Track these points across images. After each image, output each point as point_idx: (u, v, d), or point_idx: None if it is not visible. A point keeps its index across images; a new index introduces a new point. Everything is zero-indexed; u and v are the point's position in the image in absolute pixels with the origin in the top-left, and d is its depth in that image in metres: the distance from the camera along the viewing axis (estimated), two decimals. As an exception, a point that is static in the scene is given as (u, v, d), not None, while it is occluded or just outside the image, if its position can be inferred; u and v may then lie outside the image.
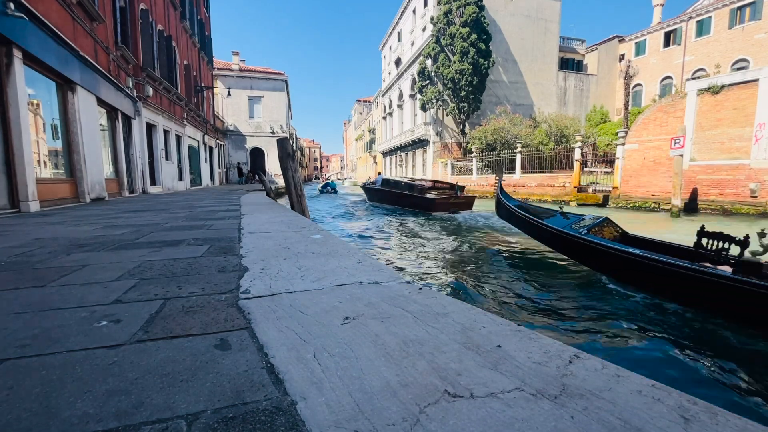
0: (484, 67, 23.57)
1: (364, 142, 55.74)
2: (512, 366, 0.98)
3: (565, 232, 4.89)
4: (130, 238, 3.21)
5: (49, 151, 7.49)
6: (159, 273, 2.00)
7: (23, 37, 5.96)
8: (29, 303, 1.54)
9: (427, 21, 27.70)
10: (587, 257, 4.74)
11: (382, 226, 10.82)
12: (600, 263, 4.56)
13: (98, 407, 0.83)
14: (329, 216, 14.03)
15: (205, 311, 1.42)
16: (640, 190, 12.87)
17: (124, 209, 6.24)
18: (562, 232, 4.94)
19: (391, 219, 12.37)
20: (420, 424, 0.75)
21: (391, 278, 1.83)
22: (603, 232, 4.98)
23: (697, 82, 11.63)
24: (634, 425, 0.75)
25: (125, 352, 1.09)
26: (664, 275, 3.58)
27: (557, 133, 21.14)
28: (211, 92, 23.19)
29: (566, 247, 5.09)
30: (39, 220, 4.80)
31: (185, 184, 16.43)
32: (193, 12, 18.86)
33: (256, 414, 0.80)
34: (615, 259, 4.13)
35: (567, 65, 32.57)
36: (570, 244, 4.90)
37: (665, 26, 29.20)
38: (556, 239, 5.19)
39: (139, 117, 11.49)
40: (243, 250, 2.58)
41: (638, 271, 3.90)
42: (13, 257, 2.46)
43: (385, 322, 1.28)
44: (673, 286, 3.58)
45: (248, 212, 5.34)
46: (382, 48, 43.13)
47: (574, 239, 4.70)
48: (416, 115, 30.62)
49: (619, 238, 5.03)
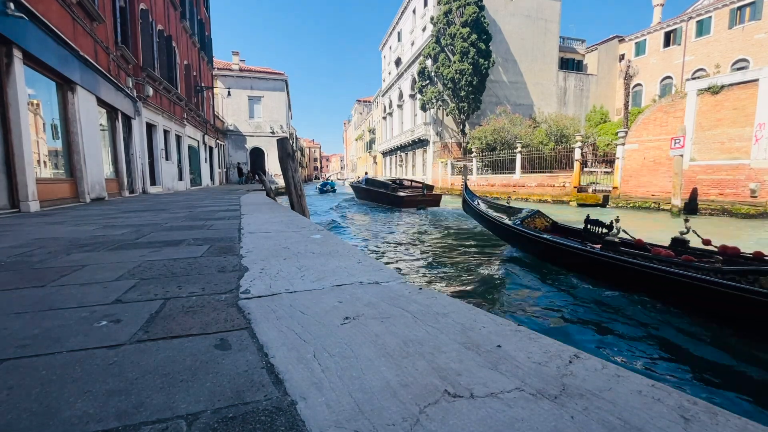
0: (484, 67, 23.58)
1: (364, 142, 55.76)
2: (512, 366, 0.98)
3: (504, 224, 6.23)
4: (130, 238, 3.21)
5: (49, 151, 7.49)
6: (159, 273, 2.00)
7: (23, 37, 5.96)
8: (29, 303, 1.54)
9: (427, 21, 27.71)
10: (522, 244, 6.07)
11: (339, 220, 12.07)
12: (529, 248, 5.84)
13: (98, 407, 0.83)
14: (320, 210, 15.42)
15: (205, 311, 1.42)
16: (640, 190, 12.87)
17: (124, 209, 6.24)
18: (503, 223, 6.29)
19: (355, 213, 14.26)
20: (420, 424, 0.75)
21: (391, 278, 1.83)
22: (535, 222, 6.19)
23: (697, 82, 11.63)
24: (634, 425, 0.75)
25: (125, 352, 1.09)
26: (564, 254, 4.89)
27: (557, 133, 21.14)
28: (211, 92, 23.19)
29: (507, 235, 6.45)
30: (39, 220, 4.80)
31: (185, 184, 16.43)
32: (193, 12, 18.87)
33: (256, 414, 0.80)
34: (536, 244, 5.43)
35: (567, 65, 32.58)
36: (509, 234, 6.24)
37: (665, 26, 29.20)
38: (500, 229, 6.55)
39: (139, 117, 11.49)
40: (243, 250, 2.58)
41: (550, 251, 5.24)
42: (13, 257, 2.46)
43: (385, 322, 1.28)
44: (570, 260, 4.85)
45: (248, 212, 5.34)
46: (382, 48, 43.14)
47: (511, 229, 5.98)
48: (416, 115, 30.63)
49: (549, 227, 6.15)
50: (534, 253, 5.74)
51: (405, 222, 11.24)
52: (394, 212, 13.77)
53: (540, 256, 5.59)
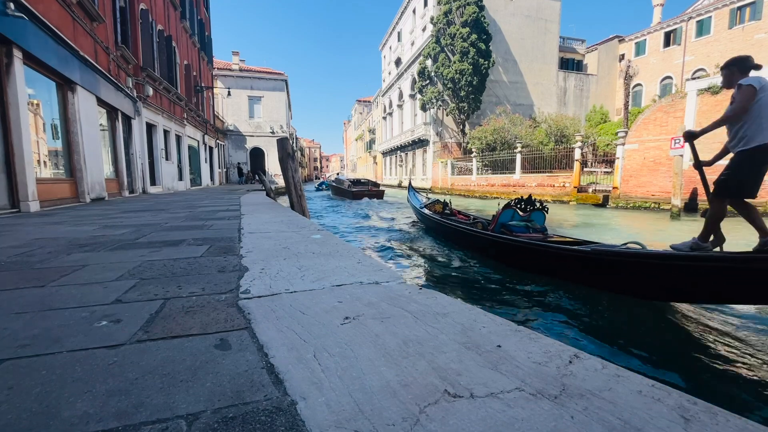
0: (484, 67, 23.57)
1: (364, 142, 55.73)
2: (512, 366, 0.98)
3: (422, 212, 8.18)
4: (130, 238, 3.21)
5: (49, 151, 7.49)
6: (159, 273, 2.00)
7: (23, 37, 5.95)
8: (29, 303, 1.54)
9: (427, 21, 27.70)
10: (431, 229, 7.78)
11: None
12: (435, 231, 7.51)
13: (98, 407, 0.83)
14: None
15: (205, 311, 1.42)
16: (640, 190, 12.86)
17: (124, 209, 6.24)
18: (421, 212, 8.29)
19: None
20: (420, 424, 0.75)
21: (391, 278, 1.83)
22: (434, 207, 8.15)
23: (697, 82, 11.62)
24: (634, 425, 0.75)
25: (125, 352, 1.09)
26: (450, 232, 6.45)
27: (557, 133, 21.12)
28: (211, 92, 23.18)
29: (424, 222, 8.28)
30: (39, 220, 4.80)
31: (185, 184, 16.43)
32: (193, 12, 18.86)
33: (256, 414, 0.80)
34: (437, 225, 7.15)
35: (567, 65, 32.57)
36: (426, 221, 7.99)
37: (665, 26, 29.19)
38: (421, 217, 8.42)
39: (139, 117, 11.48)
40: (243, 250, 2.58)
41: (442, 231, 6.92)
42: (13, 257, 2.46)
43: (385, 322, 1.28)
44: (457, 238, 6.30)
45: (248, 212, 5.34)
46: (382, 48, 43.12)
47: (426, 217, 7.81)
48: (416, 115, 30.63)
49: (441, 210, 8.03)
50: (437, 235, 7.38)
51: (350, 208, 15.23)
52: (351, 203, 17.88)
53: (442, 238, 7.12)
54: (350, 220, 11.22)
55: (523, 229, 5.12)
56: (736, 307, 3.38)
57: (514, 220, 5.27)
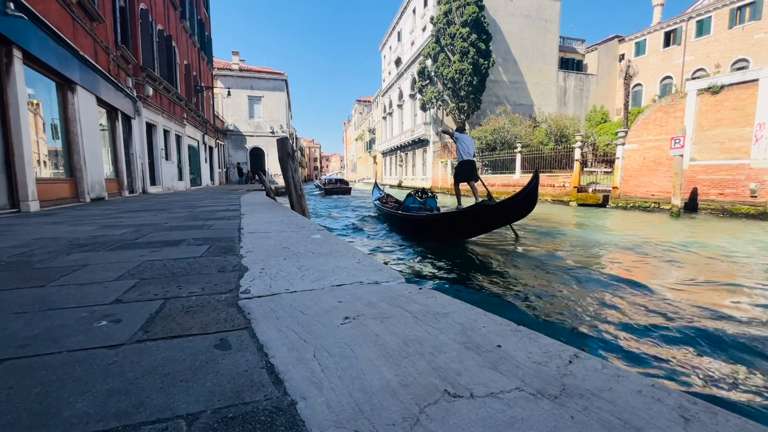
0: (484, 67, 23.57)
1: (364, 142, 55.73)
2: (512, 366, 0.98)
3: (379, 206, 9.85)
4: (129, 238, 3.21)
5: (49, 151, 7.49)
6: (159, 273, 2.00)
7: (23, 37, 5.95)
8: (29, 303, 1.54)
9: (427, 21, 27.70)
10: (386, 220, 9.41)
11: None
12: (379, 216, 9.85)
13: (98, 407, 0.83)
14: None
15: (205, 311, 1.42)
16: (640, 190, 12.86)
17: (123, 209, 6.24)
18: (378, 206, 10.02)
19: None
20: (420, 424, 0.75)
21: (391, 278, 1.83)
22: (389, 201, 10.52)
23: (697, 82, 11.62)
24: (634, 425, 0.75)
25: (125, 352, 1.09)
26: (397, 219, 7.93)
27: (557, 133, 21.11)
28: (211, 92, 23.18)
29: (381, 214, 9.90)
30: (39, 220, 4.80)
31: (185, 184, 16.43)
32: (193, 12, 18.85)
33: (256, 414, 0.80)
34: (378, 211, 9.64)
35: (567, 65, 32.57)
36: (384, 213, 9.40)
37: (665, 26, 29.19)
38: (379, 211, 10.10)
39: (139, 117, 11.48)
40: (243, 250, 2.58)
41: (391, 219, 8.42)
42: (13, 257, 2.46)
43: (385, 322, 1.28)
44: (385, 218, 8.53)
45: (248, 212, 5.34)
46: (382, 48, 43.11)
47: (384, 209, 9.31)
48: (416, 115, 30.63)
49: (394, 203, 10.16)
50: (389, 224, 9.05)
51: (322, 201, 19.43)
52: (324, 198, 22.57)
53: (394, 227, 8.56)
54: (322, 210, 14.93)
55: (418, 209, 7.77)
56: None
57: (414, 204, 7.90)
